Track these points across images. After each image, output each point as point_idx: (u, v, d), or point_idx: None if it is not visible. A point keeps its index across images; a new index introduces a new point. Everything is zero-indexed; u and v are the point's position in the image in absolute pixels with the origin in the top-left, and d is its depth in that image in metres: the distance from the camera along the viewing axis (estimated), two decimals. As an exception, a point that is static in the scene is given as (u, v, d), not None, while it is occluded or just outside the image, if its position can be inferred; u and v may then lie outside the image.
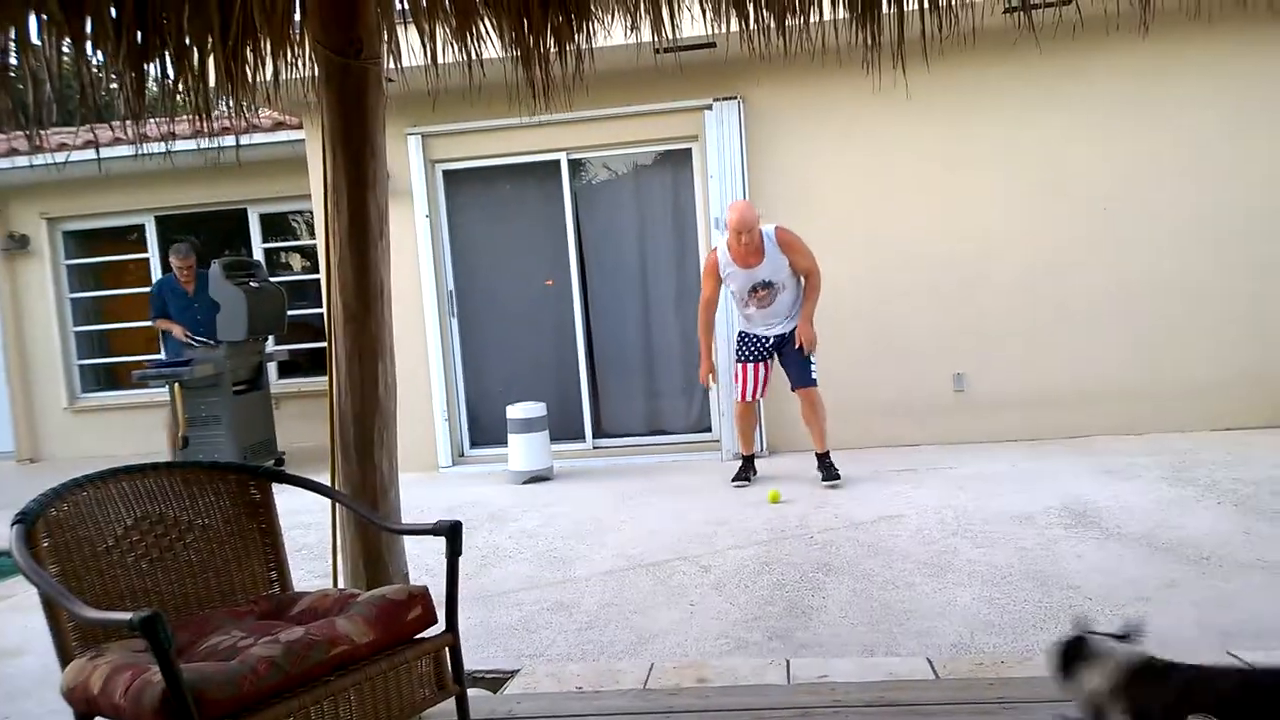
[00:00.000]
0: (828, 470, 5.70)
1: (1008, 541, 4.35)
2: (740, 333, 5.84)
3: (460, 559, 2.31)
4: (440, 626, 2.30)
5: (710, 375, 5.90)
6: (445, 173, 7.09)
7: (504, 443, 6.51)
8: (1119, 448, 6.13)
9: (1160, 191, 6.41)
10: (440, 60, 3.43)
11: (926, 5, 3.18)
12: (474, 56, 3.38)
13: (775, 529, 4.82)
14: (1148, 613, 3.40)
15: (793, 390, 5.79)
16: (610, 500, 5.71)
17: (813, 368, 5.73)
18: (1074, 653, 2.13)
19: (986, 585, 3.81)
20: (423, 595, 2.26)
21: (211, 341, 7.22)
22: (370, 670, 2.07)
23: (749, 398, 5.82)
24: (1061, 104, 6.44)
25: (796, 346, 5.63)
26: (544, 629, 3.71)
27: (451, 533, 2.30)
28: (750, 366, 5.77)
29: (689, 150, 6.91)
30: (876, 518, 4.90)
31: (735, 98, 6.57)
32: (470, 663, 3.33)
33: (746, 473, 5.92)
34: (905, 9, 3.19)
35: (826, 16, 3.27)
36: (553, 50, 3.40)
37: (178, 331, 7.31)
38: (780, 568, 4.22)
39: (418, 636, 2.23)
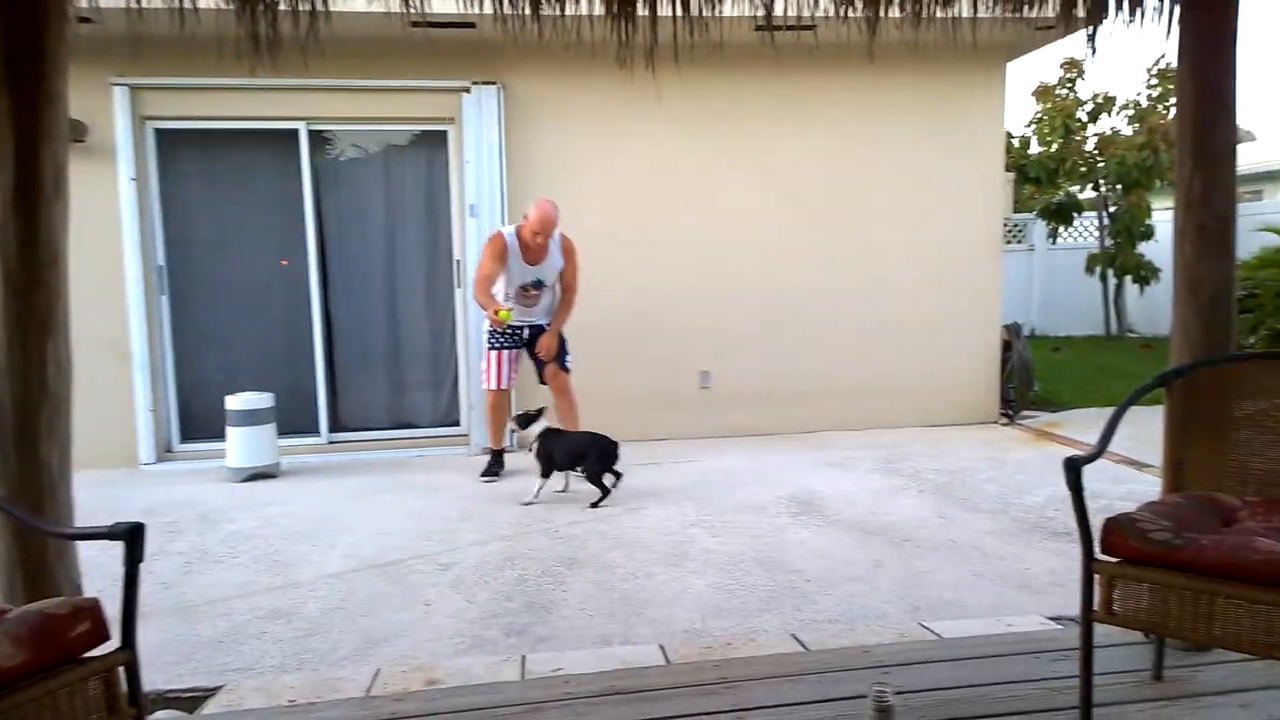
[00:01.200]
0: None
1: (741, 531, 4.52)
2: (492, 327, 5.69)
3: (164, 565, 2.02)
4: (115, 643, 1.99)
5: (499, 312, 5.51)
6: (159, 132, 6.35)
7: (222, 437, 5.96)
8: (841, 442, 6.61)
9: (878, 208, 6.98)
10: (144, 2, 3.02)
11: (679, 12, 3.25)
12: (183, 2, 3.01)
13: (520, 524, 4.73)
14: (859, 590, 3.65)
15: (542, 382, 5.76)
16: (344, 498, 5.37)
17: (567, 357, 5.74)
18: (527, 419, 5.06)
19: (720, 572, 3.93)
20: (91, 608, 1.94)
21: None
22: (20, 697, 1.75)
23: (501, 385, 5.68)
24: (799, 119, 6.84)
25: (538, 352, 5.66)
26: (256, 640, 3.38)
27: (130, 536, 2.00)
28: (504, 354, 5.64)
29: (445, 133, 6.66)
30: (620, 510, 4.94)
31: (495, 83, 6.41)
32: (164, 681, 3.01)
33: (495, 468, 5.78)
34: (658, 13, 3.24)
35: (583, 10, 3.25)
36: (281, 5, 3.10)
37: None
38: (522, 563, 4.13)
39: (85, 655, 1.92)
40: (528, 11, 3.31)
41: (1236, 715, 2.33)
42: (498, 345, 5.64)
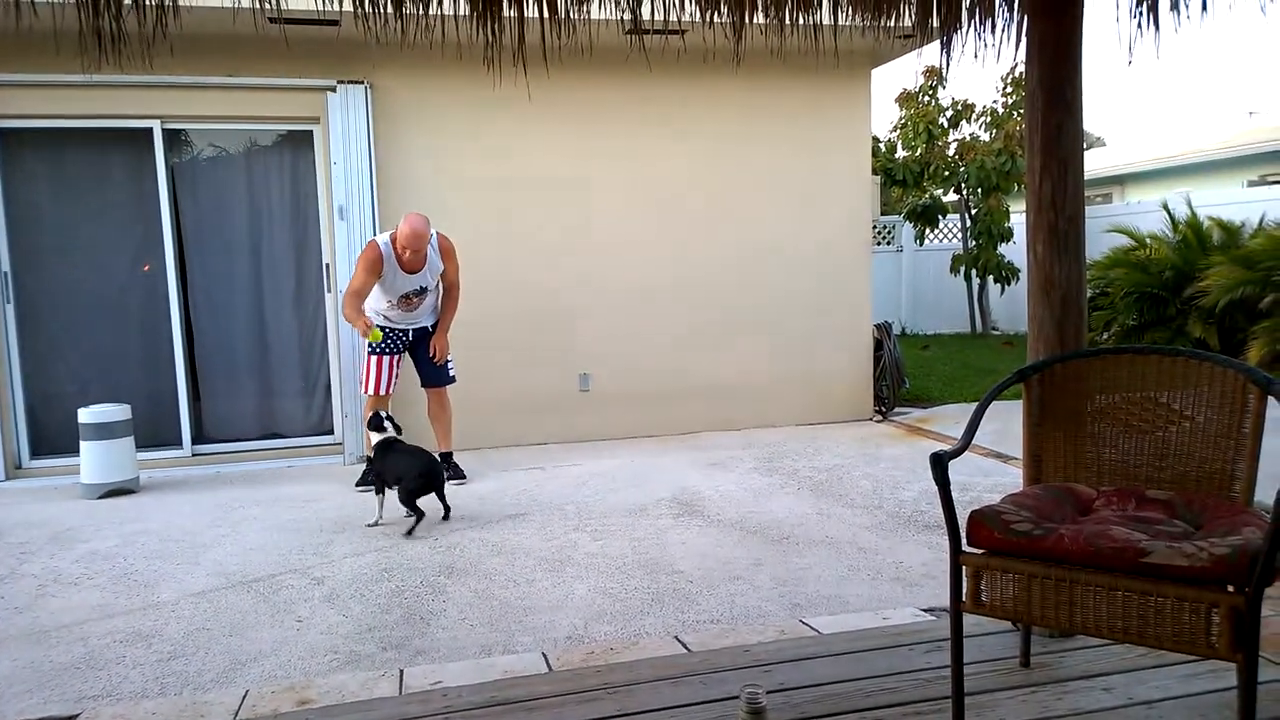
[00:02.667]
0: (453, 469, 5.61)
1: (623, 533, 4.51)
2: (377, 327, 5.45)
3: (14, 588, 1.86)
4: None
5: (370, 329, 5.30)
6: (1, 131, 5.92)
7: (76, 452, 5.57)
8: (721, 441, 6.70)
9: (751, 210, 7.11)
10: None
11: (546, 14, 3.22)
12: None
13: (397, 534, 4.59)
14: (740, 589, 3.70)
15: (424, 386, 5.64)
16: (209, 512, 5.11)
17: (450, 366, 5.64)
18: (378, 423, 4.90)
19: (602, 576, 3.90)
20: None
21: None
22: None
23: (381, 390, 5.50)
24: (671, 122, 6.90)
25: (431, 355, 5.53)
26: (115, 664, 3.17)
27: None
28: (385, 359, 5.48)
29: (311, 133, 6.42)
30: (501, 516, 4.86)
31: (362, 82, 6.21)
32: (16, 712, 2.83)
33: (372, 467, 5.59)
34: (525, 14, 3.21)
35: (447, 10, 3.18)
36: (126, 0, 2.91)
37: None
38: (400, 574, 4.01)
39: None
40: (390, 10, 3.23)
41: (1100, 698, 2.45)
42: (379, 350, 5.46)
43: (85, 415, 5.50)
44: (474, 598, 3.70)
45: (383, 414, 4.99)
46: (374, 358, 5.48)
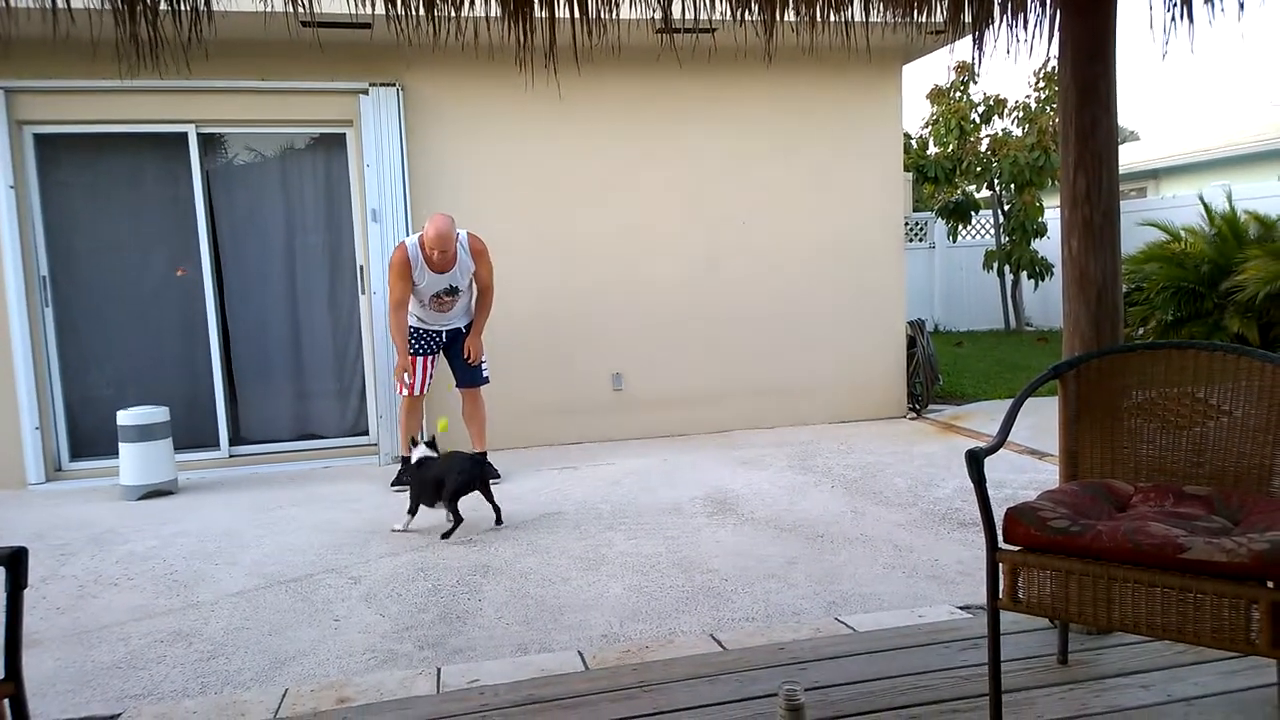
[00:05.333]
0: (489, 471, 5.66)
1: (657, 532, 4.52)
2: (411, 328, 5.53)
3: (56, 589, 1.90)
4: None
5: (406, 373, 5.47)
6: (38, 137, 6.03)
7: (115, 454, 5.68)
8: (754, 440, 6.68)
9: (784, 208, 7.09)
10: (14, 2, 2.85)
11: (577, 14, 3.24)
12: (57, 2, 2.85)
13: (433, 533, 4.64)
14: (775, 587, 3.69)
15: (459, 387, 5.68)
16: (247, 513, 5.18)
17: (484, 366, 5.67)
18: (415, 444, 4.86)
19: (637, 575, 3.92)
20: (-31, 639, 1.82)
21: None
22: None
23: (417, 391, 5.55)
24: (704, 121, 6.90)
25: (466, 356, 5.56)
26: (156, 664, 3.23)
27: (11, 562, 1.88)
28: (419, 360, 5.52)
29: (344, 135, 6.49)
30: (535, 516, 4.89)
31: (394, 84, 6.28)
32: (59, 711, 2.89)
33: (407, 476, 5.63)
34: (556, 14, 3.22)
35: (479, 12, 3.21)
36: (161, 5, 2.97)
37: None
38: (436, 573, 4.05)
39: (-37, 690, 1.79)
40: (421, 12, 3.25)
41: (1138, 696, 2.43)
42: (414, 350, 5.51)
43: (124, 417, 5.60)
44: (509, 596, 3.73)
45: (415, 437, 5.00)
46: (408, 359, 5.51)
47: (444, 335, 5.59)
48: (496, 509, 4.76)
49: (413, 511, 4.72)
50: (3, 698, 1.87)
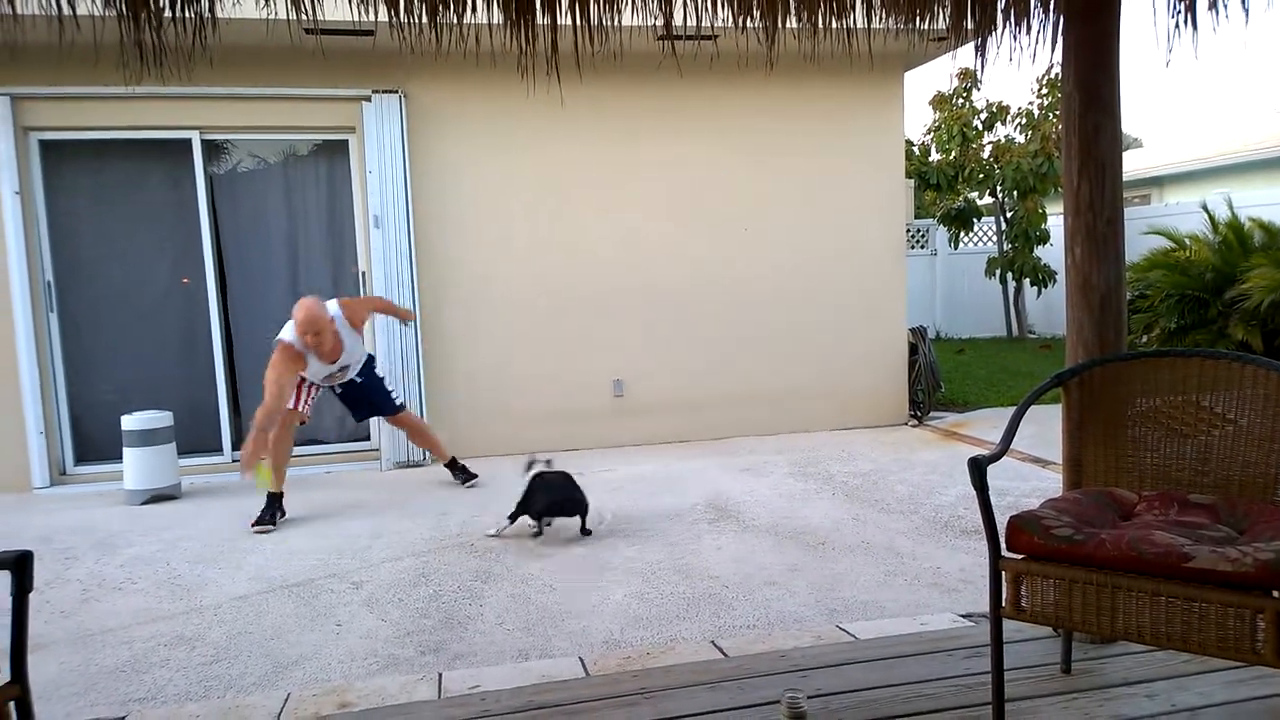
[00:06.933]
0: (462, 473, 5.72)
1: (658, 538, 4.52)
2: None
3: (61, 593, 1.90)
4: (5, 677, 1.87)
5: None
6: (43, 143, 6.07)
7: (119, 458, 5.69)
8: (755, 447, 6.68)
9: (785, 215, 7.10)
10: (20, 9, 2.86)
11: (579, 21, 3.24)
12: (62, 9, 2.86)
13: (434, 539, 4.64)
14: (776, 594, 3.69)
15: (377, 415, 5.69)
16: (250, 518, 5.18)
17: (391, 393, 5.65)
18: (531, 465, 4.69)
19: (638, 581, 3.91)
20: (-28, 643, 1.82)
21: None
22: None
23: (300, 406, 5.21)
24: (705, 128, 6.91)
25: (376, 374, 5.55)
26: (160, 667, 3.23)
27: (16, 566, 1.88)
28: (314, 387, 5.28)
29: (346, 142, 6.51)
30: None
31: (397, 91, 6.29)
32: (64, 714, 2.89)
33: (272, 514, 5.05)
34: (558, 21, 3.23)
35: (481, 19, 3.22)
36: (166, 12, 2.98)
37: None
38: (438, 578, 4.05)
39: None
40: (424, 19, 3.26)
41: (1142, 705, 2.42)
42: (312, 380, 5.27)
43: (128, 422, 5.61)
44: (511, 602, 3.73)
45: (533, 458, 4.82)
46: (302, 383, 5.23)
47: (337, 388, 5.45)
48: (585, 530, 4.66)
49: (514, 518, 4.64)
50: (8, 701, 1.87)
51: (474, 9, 3.25)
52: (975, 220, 13.48)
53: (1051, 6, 3.16)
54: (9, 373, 5.95)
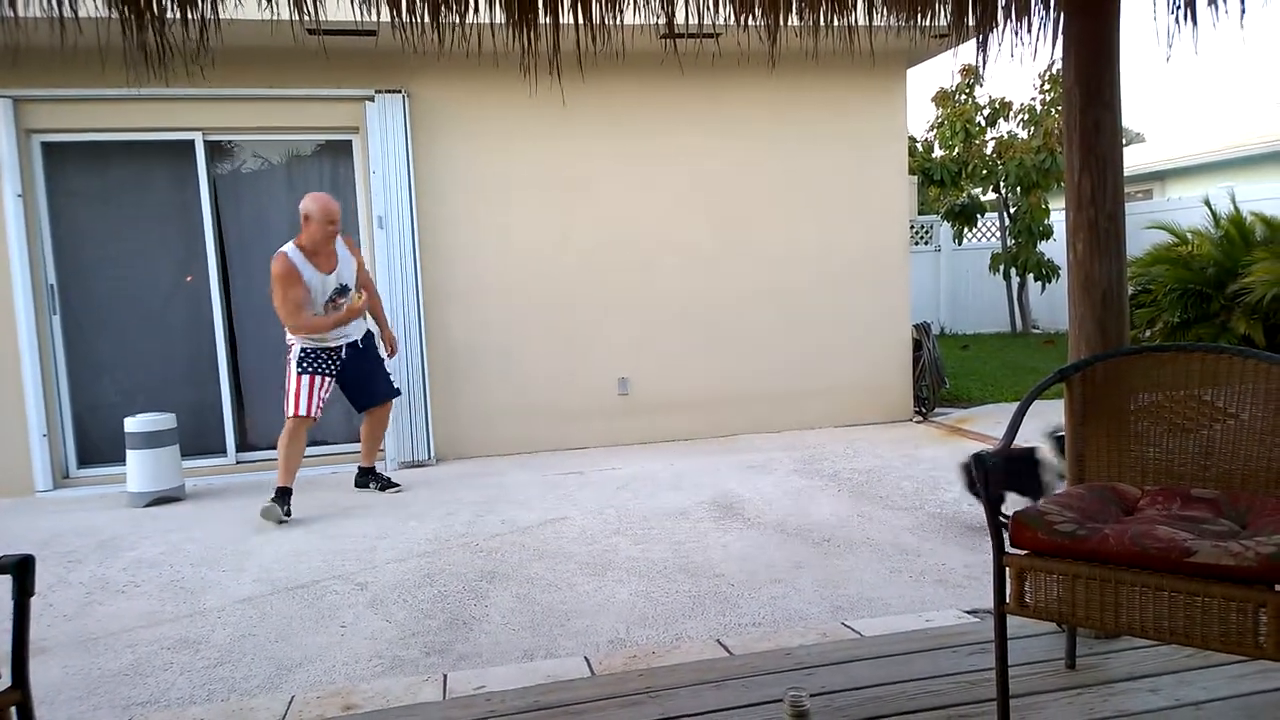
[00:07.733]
0: (381, 480, 5.73)
1: (664, 537, 4.52)
2: (305, 349, 5.22)
3: (64, 596, 1.90)
4: (6, 682, 1.87)
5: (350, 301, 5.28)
6: (46, 145, 6.09)
7: (122, 461, 5.70)
8: (760, 444, 6.68)
9: (789, 212, 7.09)
10: (21, 11, 2.86)
11: (581, 20, 3.25)
12: (66, 11, 2.86)
13: (439, 539, 4.64)
14: (782, 592, 3.69)
15: (374, 404, 5.60)
16: (253, 520, 5.18)
17: (390, 375, 5.66)
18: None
19: (643, 580, 3.91)
20: (-26, 647, 1.82)
21: None
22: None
23: (311, 412, 5.20)
24: (707, 126, 6.91)
25: (378, 352, 5.54)
26: (163, 671, 3.24)
27: (18, 569, 1.88)
28: (316, 380, 5.22)
29: (350, 142, 6.52)
30: (542, 521, 4.89)
31: (400, 91, 6.30)
32: (67, 718, 2.89)
33: (282, 506, 5.12)
34: (561, 21, 3.24)
35: (484, 19, 3.22)
36: (169, 15, 2.98)
37: None
38: (443, 579, 4.05)
39: (-32, 698, 1.80)
40: (427, 19, 3.27)
41: (1147, 700, 2.41)
42: (309, 370, 5.21)
43: (131, 424, 5.62)
44: (516, 602, 3.73)
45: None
46: (304, 377, 5.21)
47: (343, 351, 5.35)
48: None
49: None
50: (10, 705, 1.87)
51: (476, 9, 3.25)
52: (979, 216, 13.46)
53: (1052, 3, 3.16)
54: (11, 375, 5.97)
